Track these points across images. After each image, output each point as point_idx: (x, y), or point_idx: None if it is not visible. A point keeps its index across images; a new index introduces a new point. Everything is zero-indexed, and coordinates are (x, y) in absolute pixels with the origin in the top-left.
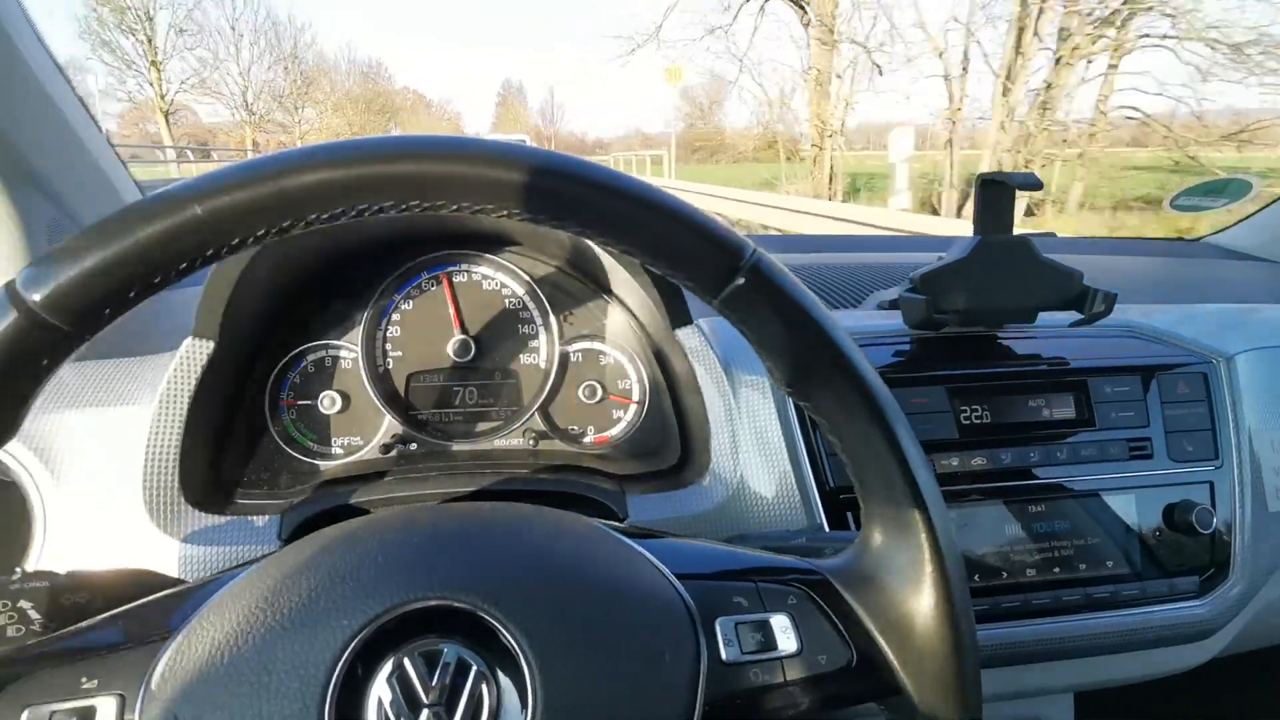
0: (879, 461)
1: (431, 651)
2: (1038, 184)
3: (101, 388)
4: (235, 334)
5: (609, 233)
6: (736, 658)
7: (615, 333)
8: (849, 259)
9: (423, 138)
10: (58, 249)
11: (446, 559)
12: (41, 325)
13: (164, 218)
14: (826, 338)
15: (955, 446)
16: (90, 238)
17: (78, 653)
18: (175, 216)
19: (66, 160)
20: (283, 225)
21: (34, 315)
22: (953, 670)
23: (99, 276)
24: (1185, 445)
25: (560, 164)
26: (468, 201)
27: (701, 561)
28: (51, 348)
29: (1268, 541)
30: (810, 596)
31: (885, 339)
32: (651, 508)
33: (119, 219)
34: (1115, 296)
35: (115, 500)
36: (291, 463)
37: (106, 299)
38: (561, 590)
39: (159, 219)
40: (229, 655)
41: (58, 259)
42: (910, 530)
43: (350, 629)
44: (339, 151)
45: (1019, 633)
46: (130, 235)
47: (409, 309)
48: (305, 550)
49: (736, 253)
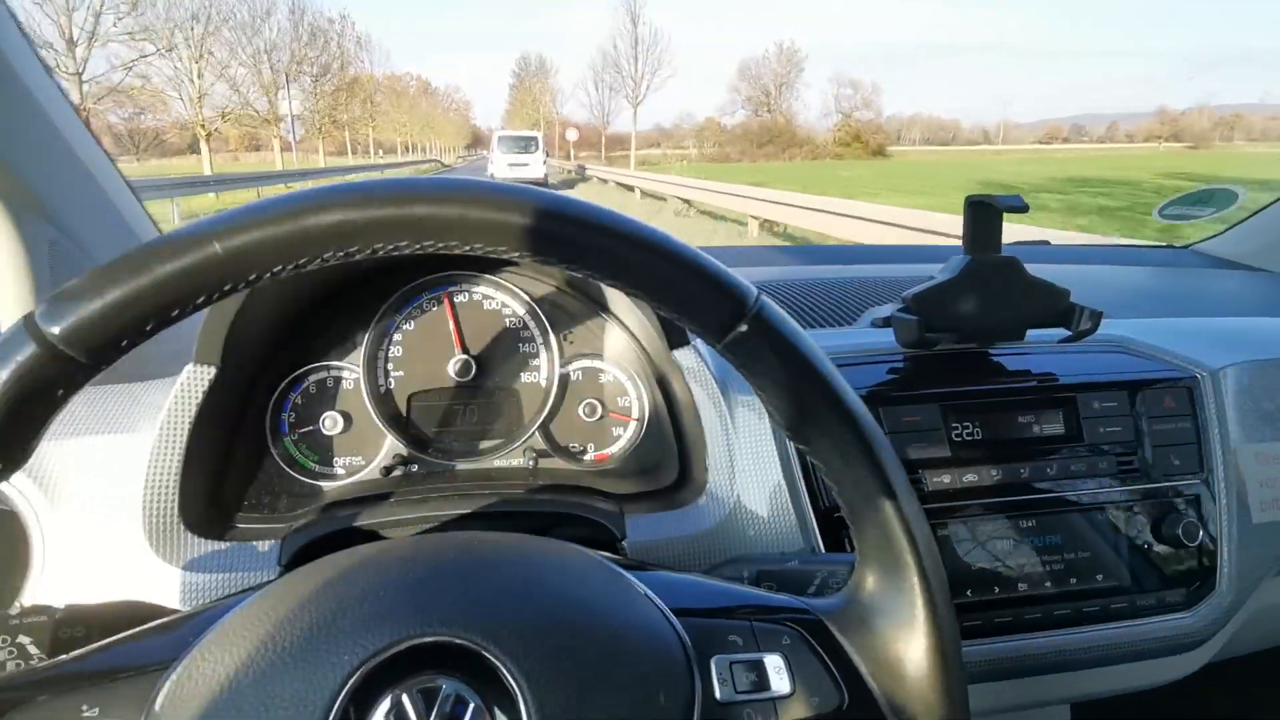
0: (875, 509)
1: (430, 689)
2: (1023, 206)
3: (101, 415)
4: (237, 358)
5: (616, 276)
6: (730, 697)
7: (615, 351)
8: (844, 272)
9: (437, 180)
10: (77, 284)
11: (447, 595)
12: (59, 357)
13: (184, 255)
14: (827, 387)
15: (947, 463)
16: (110, 273)
17: (78, 679)
18: (195, 254)
19: (67, 180)
20: (299, 263)
21: (52, 348)
22: (944, 716)
23: (117, 311)
24: (1172, 459)
25: (568, 208)
26: (479, 243)
27: (698, 597)
28: (67, 379)
29: (1253, 552)
30: (804, 637)
31: (879, 357)
32: (649, 527)
33: (139, 256)
34: (1101, 314)
35: (114, 528)
36: (293, 485)
37: (123, 332)
38: (560, 628)
39: (179, 256)
40: (229, 688)
41: (77, 293)
42: (904, 576)
43: (349, 665)
44: (357, 192)
45: (1011, 647)
46: (149, 273)
47: (410, 329)
48: (307, 581)
49: (741, 300)
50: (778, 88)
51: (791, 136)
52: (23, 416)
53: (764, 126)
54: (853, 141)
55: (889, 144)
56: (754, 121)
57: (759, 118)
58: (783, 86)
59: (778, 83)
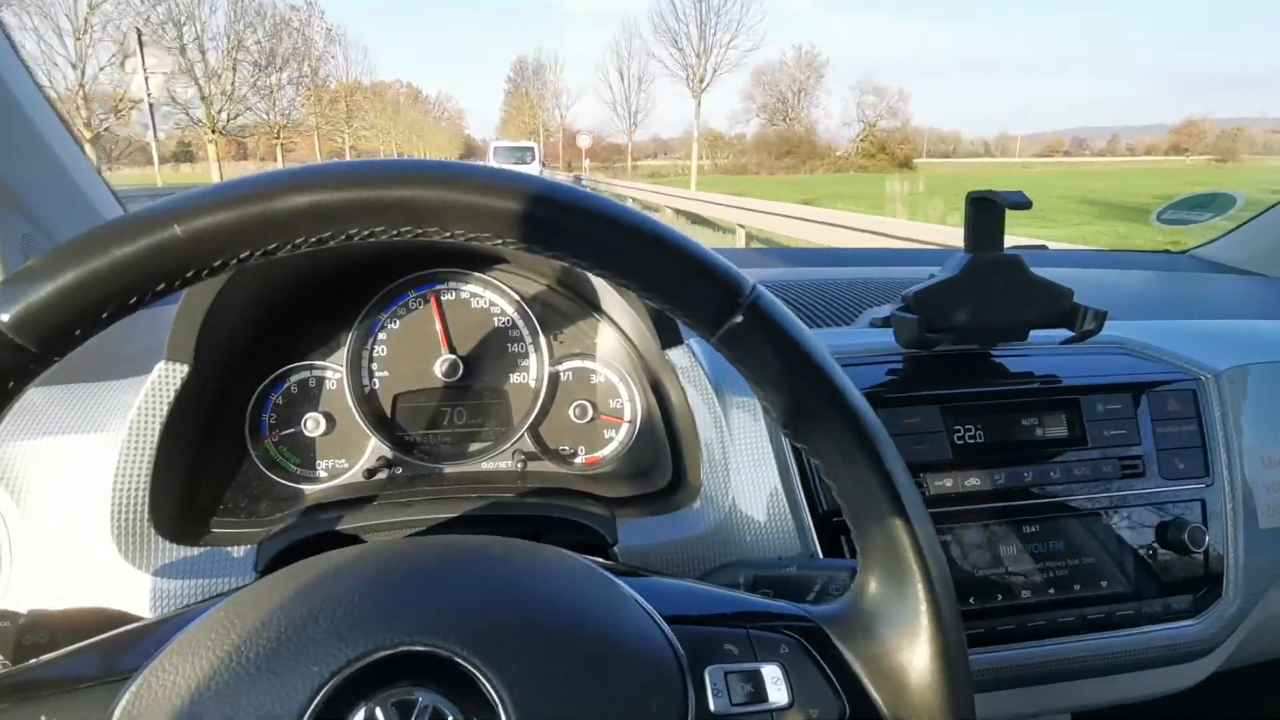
0: (876, 508)
1: (406, 701)
2: (1027, 203)
3: (70, 413)
4: (212, 356)
5: (605, 265)
6: (725, 709)
7: (606, 352)
8: (842, 273)
9: (417, 162)
10: (27, 267)
11: (423, 601)
12: (7, 346)
13: (141, 237)
14: (826, 379)
15: (949, 467)
16: (62, 256)
17: (37, 687)
18: (153, 236)
19: (40, 173)
20: (268, 249)
21: (0, 336)
22: None
23: (70, 296)
24: (1176, 463)
25: (556, 193)
26: (461, 228)
27: (692, 604)
28: (18, 369)
29: (1260, 558)
30: (803, 646)
31: (878, 358)
32: (642, 532)
33: (92, 237)
34: (1105, 314)
35: (83, 532)
36: (273, 488)
37: (77, 320)
38: (544, 635)
39: (135, 238)
40: (190, 701)
41: (27, 278)
42: (907, 580)
43: (320, 677)
44: (330, 174)
45: (1015, 655)
46: (104, 254)
47: (395, 328)
48: (276, 587)
49: (735, 289)
50: (796, 94)
51: (812, 147)
52: None
53: (782, 136)
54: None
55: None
56: (770, 131)
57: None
58: (801, 93)
59: (796, 89)
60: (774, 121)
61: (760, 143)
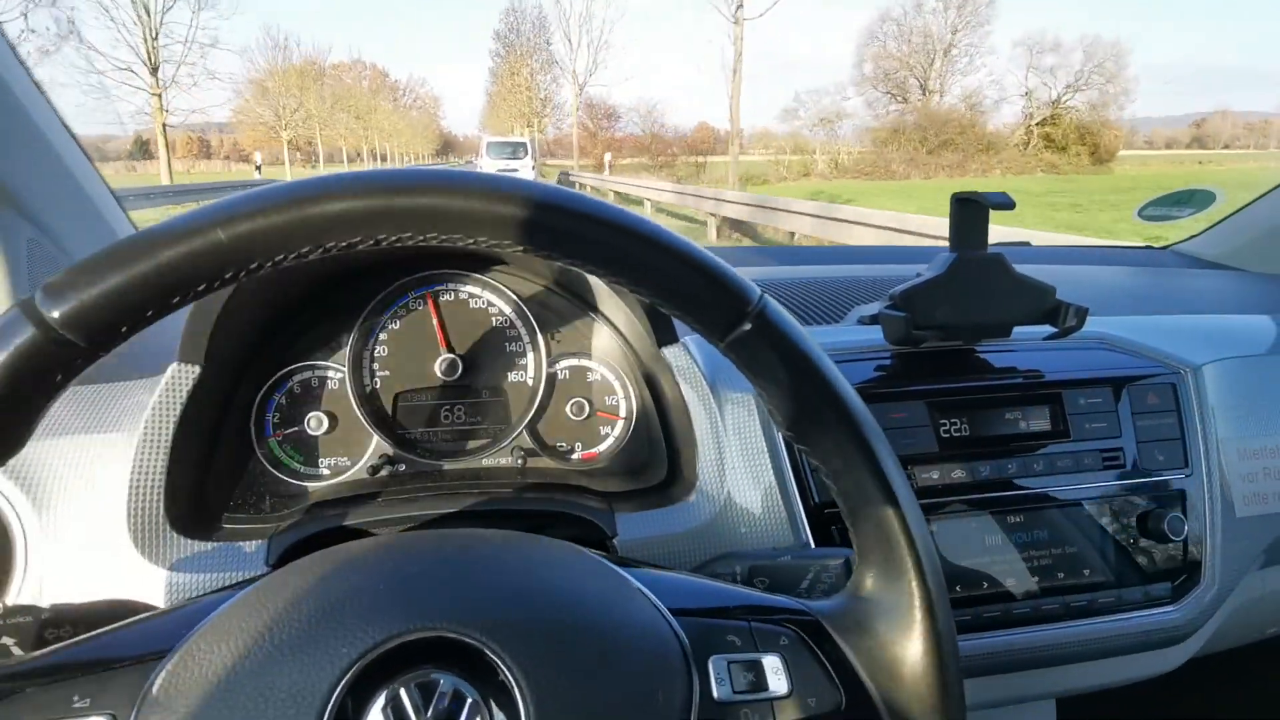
0: (875, 510)
1: (427, 683)
2: (1010, 203)
3: (84, 414)
4: (221, 357)
5: (619, 272)
6: (728, 697)
7: (603, 350)
8: (830, 271)
9: (443, 172)
10: (78, 267)
11: (445, 589)
12: (58, 341)
13: (187, 241)
14: (829, 388)
15: (935, 460)
16: (112, 257)
17: (69, 669)
18: (198, 240)
19: (44, 177)
20: (301, 251)
21: (51, 331)
22: (941, 718)
23: (118, 296)
24: (1156, 455)
25: (573, 202)
26: (482, 236)
27: (696, 596)
28: (65, 364)
29: (1237, 546)
30: (802, 638)
31: (866, 354)
32: (640, 525)
33: (142, 241)
34: (1086, 311)
35: (99, 529)
36: (279, 486)
37: (123, 317)
38: (559, 625)
39: (182, 242)
40: (226, 678)
41: (77, 277)
42: (903, 579)
43: (348, 658)
44: (361, 182)
45: (999, 642)
46: (152, 257)
47: (396, 328)
48: (303, 574)
49: (744, 299)
50: (944, 54)
51: (977, 137)
52: (19, 402)
53: (937, 120)
54: (1073, 143)
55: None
56: (918, 114)
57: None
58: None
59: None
60: (895, 97)
61: (898, 131)
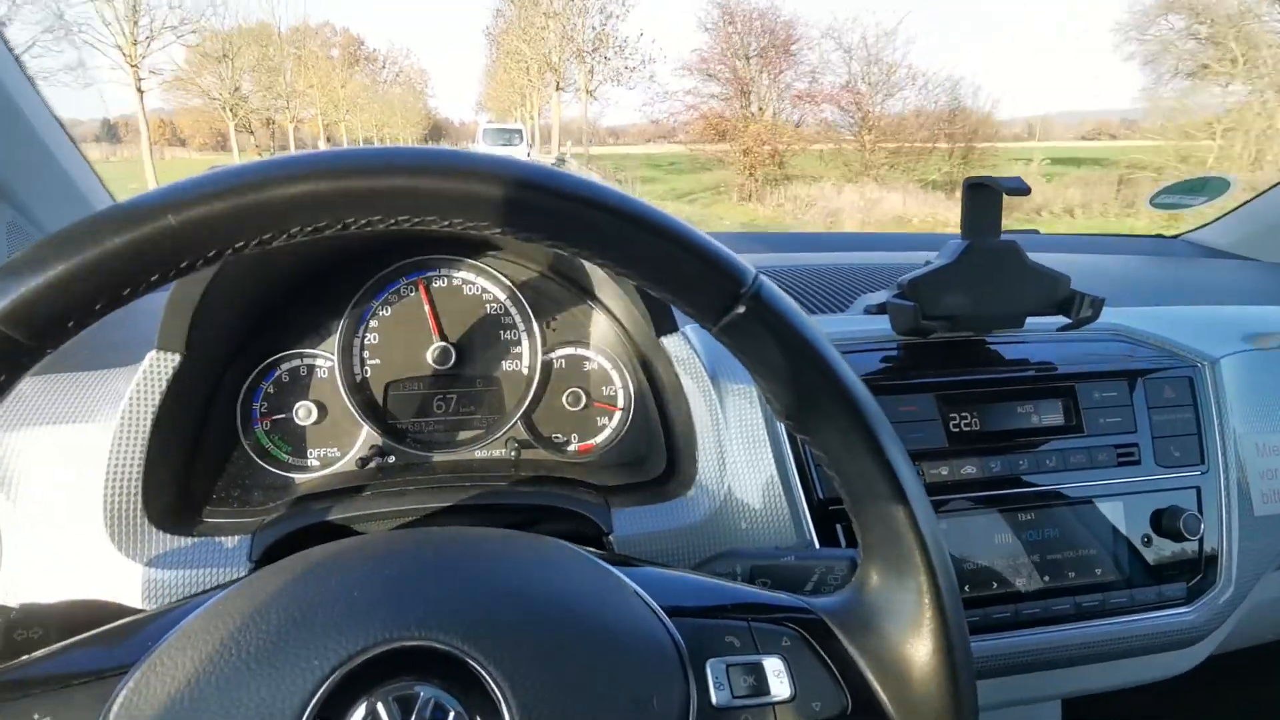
0: (881, 503)
1: (407, 696)
2: (1025, 189)
3: (60, 403)
4: (203, 345)
5: (605, 254)
6: (727, 702)
7: (599, 339)
8: (835, 259)
9: (415, 150)
10: (18, 258)
11: (425, 595)
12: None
13: (134, 227)
14: (829, 370)
15: (945, 455)
16: (54, 247)
17: (30, 685)
18: (146, 226)
19: (25, 159)
20: (263, 238)
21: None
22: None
23: (62, 287)
24: (1172, 450)
25: (556, 181)
26: (460, 218)
27: (692, 595)
28: (10, 361)
29: (1255, 546)
30: (805, 638)
31: (872, 345)
32: (636, 521)
33: (85, 227)
34: (1102, 301)
35: (75, 522)
36: (265, 477)
37: (70, 311)
38: (545, 630)
39: (129, 228)
40: (190, 694)
41: (18, 268)
42: (910, 574)
43: (321, 670)
44: (326, 162)
45: (1009, 643)
46: (97, 245)
47: (387, 316)
48: (274, 579)
49: (738, 280)
50: None
51: None
52: None
53: None
54: None
55: None
56: None
57: None
58: None
59: None
60: None
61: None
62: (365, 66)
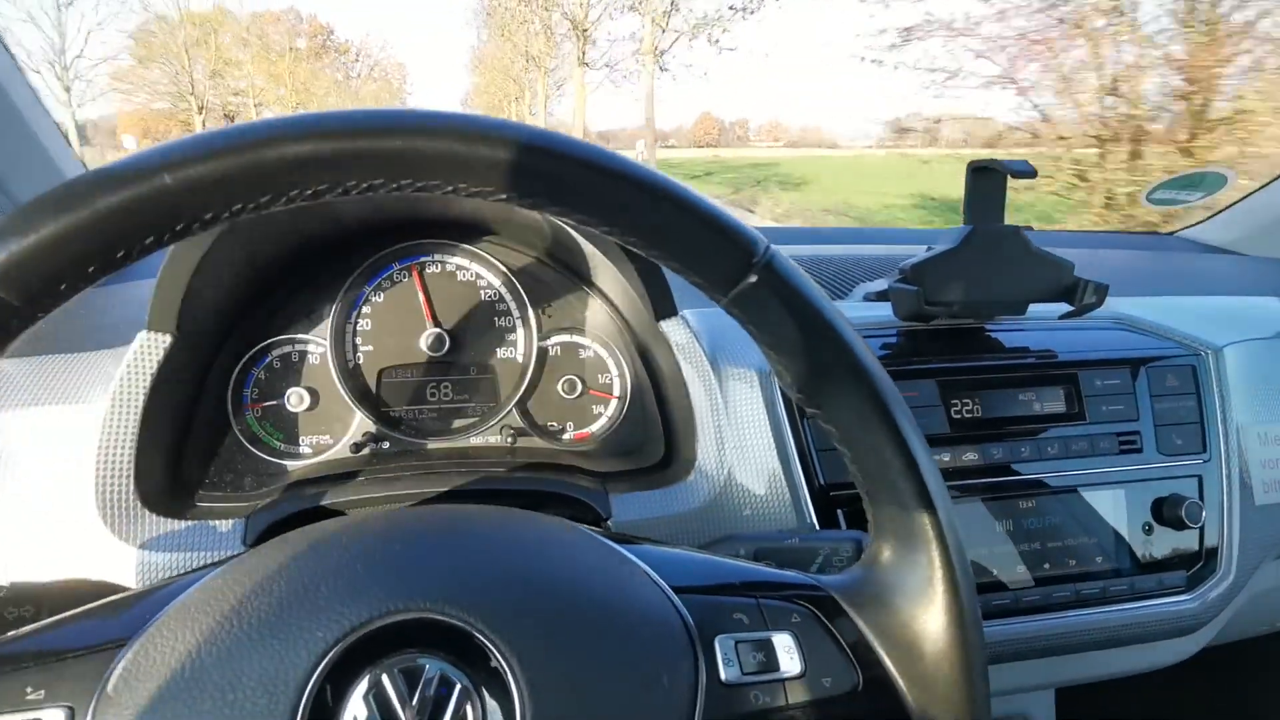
0: (892, 475)
1: (412, 668)
2: (1031, 171)
3: (50, 384)
4: (194, 327)
5: (612, 221)
6: (737, 678)
7: (596, 325)
8: (837, 250)
9: (418, 112)
10: (9, 217)
11: (431, 567)
12: None
13: (129, 186)
14: (842, 342)
15: (946, 441)
16: (46, 206)
17: (22, 659)
18: (141, 185)
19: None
20: (261, 200)
21: None
22: (964, 697)
23: (54, 249)
24: (1174, 439)
25: (562, 145)
26: (463, 182)
27: (700, 574)
28: (1, 323)
29: (1255, 535)
30: (815, 615)
31: (873, 330)
32: (635, 507)
33: (79, 186)
34: (1107, 288)
35: (66, 505)
36: (257, 463)
37: (62, 274)
38: (554, 605)
39: (124, 188)
40: (191, 667)
41: (8, 228)
42: (923, 548)
43: (325, 642)
44: (327, 122)
45: (1009, 630)
46: (90, 205)
47: (380, 301)
48: (277, 553)
49: (749, 249)
50: None
51: None
52: None
53: None
54: None
55: None
56: None
57: None
58: None
59: None
60: None
61: None
62: (335, 59)
